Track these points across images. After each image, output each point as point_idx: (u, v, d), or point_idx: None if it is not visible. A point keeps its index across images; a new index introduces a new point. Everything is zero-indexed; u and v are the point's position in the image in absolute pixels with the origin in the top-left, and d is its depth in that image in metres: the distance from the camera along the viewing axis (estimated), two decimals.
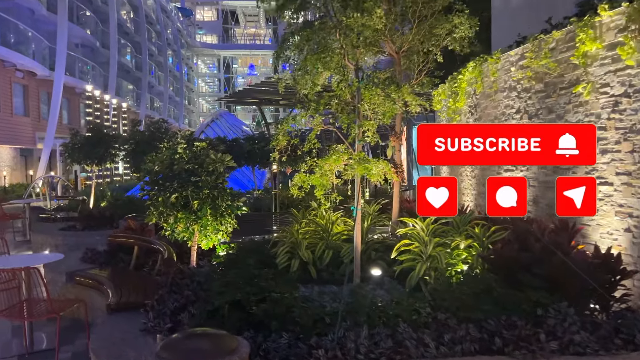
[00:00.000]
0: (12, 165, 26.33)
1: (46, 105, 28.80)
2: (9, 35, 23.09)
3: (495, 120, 7.55)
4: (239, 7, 73.06)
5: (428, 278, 5.08)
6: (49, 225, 11.58)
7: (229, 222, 6.84)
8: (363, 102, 4.83)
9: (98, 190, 19.07)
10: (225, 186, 7.01)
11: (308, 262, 5.89)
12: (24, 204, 12.41)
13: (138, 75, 42.95)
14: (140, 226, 7.49)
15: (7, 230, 12.12)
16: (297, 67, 5.38)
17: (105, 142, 13.13)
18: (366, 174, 4.74)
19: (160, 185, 6.58)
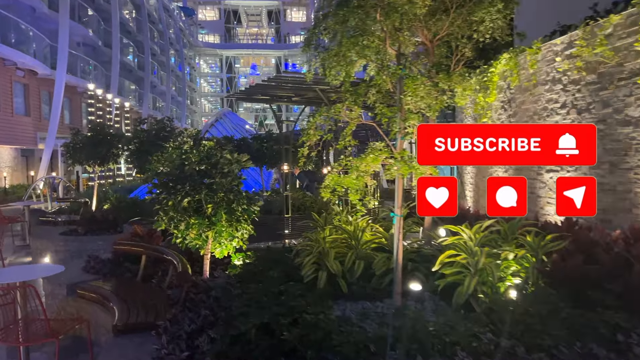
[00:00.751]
0: (13, 165, 25.74)
1: (47, 104, 28.21)
2: (10, 33, 22.49)
3: (535, 116, 6.91)
4: (241, 6, 72.55)
5: (482, 296, 4.44)
6: (50, 229, 10.97)
7: (245, 228, 6.22)
8: (406, 93, 4.21)
9: (100, 192, 18.49)
10: (241, 189, 6.40)
11: (337, 275, 5.26)
12: (23, 206, 11.80)
13: (140, 75, 42.37)
14: (148, 232, 6.87)
15: (6, 234, 11.51)
16: (328, 54, 4.75)
17: (107, 141, 12.52)
18: (409, 175, 4.12)
19: (170, 187, 5.96)
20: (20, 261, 9.77)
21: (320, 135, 4.63)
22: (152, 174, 6.05)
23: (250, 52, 72.68)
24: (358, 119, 4.37)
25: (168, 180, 6.02)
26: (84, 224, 10.23)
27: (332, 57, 4.61)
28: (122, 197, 13.50)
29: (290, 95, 10.68)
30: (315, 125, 4.51)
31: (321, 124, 4.73)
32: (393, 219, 4.53)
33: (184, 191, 5.82)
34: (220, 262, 6.61)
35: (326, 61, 4.68)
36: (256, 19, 75.83)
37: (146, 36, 42.48)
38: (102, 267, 6.50)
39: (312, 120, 4.52)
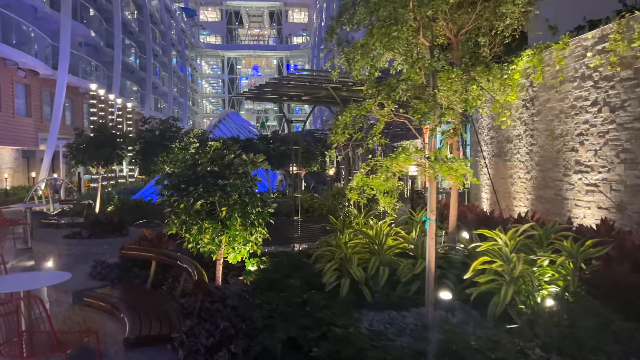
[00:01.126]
0: (14, 167, 25.44)
1: (49, 105, 27.93)
2: (11, 33, 22.21)
3: (562, 114, 6.61)
4: (242, 7, 72.40)
5: (523, 307, 4.12)
6: (52, 232, 10.67)
7: (259, 232, 5.92)
8: (440, 88, 3.91)
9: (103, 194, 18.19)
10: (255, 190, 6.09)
11: (360, 282, 4.95)
12: (25, 208, 11.49)
13: (142, 76, 42.11)
14: (157, 236, 6.56)
15: (7, 237, 11.20)
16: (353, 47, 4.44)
17: (111, 142, 12.22)
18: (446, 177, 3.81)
19: (182, 189, 5.65)
20: (22, 265, 9.46)
21: (351, 132, 4.31)
22: (163, 176, 5.75)
23: (251, 53, 72.48)
24: (389, 115, 4.07)
25: (179, 182, 5.72)
26: (88, 226, 9.93)
27: (356, 50, 4.31)
28: (126, 199, 13.21)
29: (300, 94, 10.37)
30: (344, 124, 4.19)
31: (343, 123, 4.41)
32: (425, 224, 4.22)
33: (197, 193, 5.52)
34: (232, 267, 6.31)
35: (351, 55, 4.37)
36: (258, 20, 75.67)
37: (148, 37, 42.22)
38: (110, 272, 6.19)
39: (340, 119, 4.20)
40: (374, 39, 3.97)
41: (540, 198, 7.20)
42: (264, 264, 6.11)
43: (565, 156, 6.64)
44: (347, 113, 4.17)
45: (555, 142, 6.76)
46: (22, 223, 11.03)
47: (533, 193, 7.53)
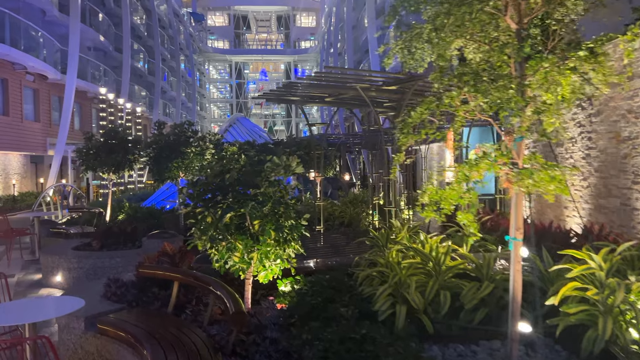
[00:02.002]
0: (22, 172, 24.98)
1: (57, 110, 27.50)
2: (20, 36, 21.77)
3: (630, 114, 5.89)
4: (250, 11, 72.21)
5: (636, 347, 3.41)
6: (61, 243, 10.05)
7: (294, 247, 5.24)
8: (532, 79, 3.22)
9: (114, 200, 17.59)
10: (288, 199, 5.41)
11: (418, 310, 4.25)
12: (33, 217, 10.90)
13: (150, 80, 41.74)
14: (179, 250, 5.90)
15: (14, 247, 10.62)
16: (412, 32, 3.76)
17: (123, 147, 11.61)
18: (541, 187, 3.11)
19: (208, 200, 4.99)
20: (29, 279, 8.84)
21: (427, 132, 3.61)
22: (188, 184, 5.08)
23: (259, 58, 72.18)
24: (472, 112, 3.39)
25: (206, 191, 5.05)
26: (99, 237, 9.29)
27: (425, 34, 3.63)
28: (137, 207, 12.58)
29: (323, 95, 9.71)
30: (409, 127, 3.51)
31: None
32: (509, 244, 3.52)
33: (226, 204, 4.85)
34: (260, 286, 5.62)
35: (414, 41, 3.70)
36: (265, 24, 75.44)
37: (157, 41, 41.87)
38: (125, 292, 5.52)
39: (413, 116, 3.52)
40: (455, 16, 3.28)
41: (602, 208, 6.48)
42: (297, 284, 5.42)
43: (634, 161, 5.93)
44: (422, 108, 3.49)
45: (622, 145, 6.05)
46: (29, 233, 10.42)
47: (591, 202, 6.81)
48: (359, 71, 13.63)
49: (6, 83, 22.55)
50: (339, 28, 43.60)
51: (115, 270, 8.13)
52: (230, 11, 71.51)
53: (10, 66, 22.45)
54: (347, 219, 11.93)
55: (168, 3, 48.78)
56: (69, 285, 8.10)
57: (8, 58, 21.33)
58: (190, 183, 5.15)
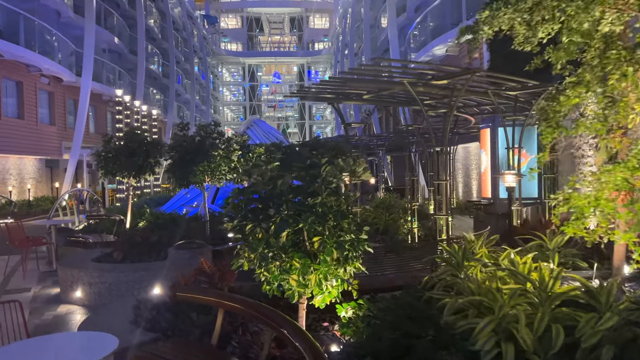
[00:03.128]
0: (37, 177, 24.52)
1: (71, 113, 27.08)
2: (34, 38, 21.30)
3: None
4: (263, 13, 71.82)
5: None
6: (80, 253, 9.36)
7: (355, 266, 4.45)
8: None
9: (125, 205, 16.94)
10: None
11: (527, 349, 3.43)
12: (49, 225, 10.24)
13: (165, 83, 41.31)
14: (218, 269, 5.13)
15: (30, 257, 9.95)
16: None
17: (143, 150, 10.93)
18: None
19: (259, 211, 4.21)
20: (46, 293, 8.15)
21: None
22: (234, 193, 4.31)
23: (273, 60, 71.73)
24: None
25: (256, 201, 4.28)
26: (121, 247, 8.57)
27: (541, 6, 2.84)
28: (159, 214, 11.89)
29: (361, 92, 8.93)
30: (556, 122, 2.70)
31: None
32: None
33: (280, 217, 4.07)
34: (309, 308, 4.83)
35: (534, 12, 2.90)
36: (278, 26, 74.99)
37: (171, 43, 41.47)
38: (158, 317, 4.77)
39: (562, 103, 2.71)
40: None
41: None
42: (360, 309, 4.62)
43: None
44: (581, 89, 2.67)
45: None
46: (45, 243, 9.74)
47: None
48: (407, 62, 12.55)
49: (21, 86, 22.12)
50: (355, 28, 42.84)
51: (140, 285, 7.41)
52: (243, 13, 71.18)
53: (25, 69, 22.02)
54: (381, 225, 11.11)
55: (182, 5, 48.44)
56: (89, 301, 7.38)
57: (23, 60, 20.89)
58: (236, 192, 4.37)
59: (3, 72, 20.52)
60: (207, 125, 10.48)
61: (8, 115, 21.05)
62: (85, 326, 4.90)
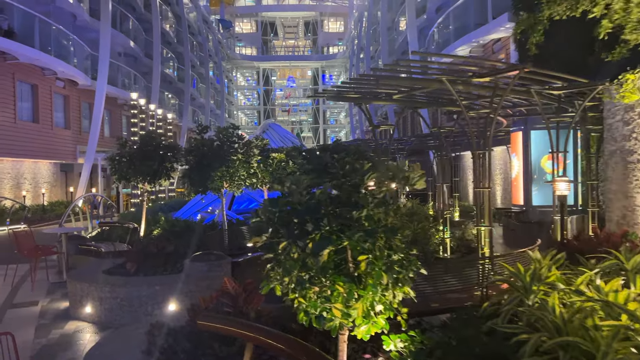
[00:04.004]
0: (52, 181, 24.24)
1: (86, 117, 26.84)
2: (50, 41, 21.04)
3: None
4: (278, 17, 71.76)
5: None
6: (91, 264, 8.83)
7: (404, 291, 3.79)
8: None
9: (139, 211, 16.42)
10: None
11: None
12: (60, 233, 9.73)
13: (180, 87, 41.08)
14: (244, 289, 4.50)
15: (39, 266, 9.44)
16: None
17: (159, 154, 10.39)
18: None
19: (294, 226, 3.57)
20: (55, 308, 7.60)
21: None
22: (266, 204, 3.68)
23: (287, 64, 71.56)
24: None
25: (290, 213, 3.64)
26: (134, 258, 7.99)
27: None
28: (174, 221, 11.33)
29: (391, 92, 8.27)
30: None
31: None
32: None
33: (320, 233, 3.42)
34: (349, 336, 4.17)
35: None
36: (293, 30, 74.88)
37: (186, 47, 41.26)
38: (175, 347, 4.14)
39: None
40: None
41: None
42: (415, 344, 3.94)
43: None
44: None
45: None
46: (56, 252, 9.22)
47: None
48: (446, 56, 11.70)
49: (36, 89, 21.88)
50: (371, 31, 42.25)
51: (154, 301, 6.83)
52: (257, 18, 71.18)
53: (40, 72, 21.78)
54: (409, 236, 10.38)
55: (197, 10, 48.31)
56: (100, 318, 6.81)
57: (38, 63, 20.63)
58: (269, 202, 3.74)
59: (18, 75, 20.26)
60: (226, 128, 9.90)
61: (23, 119, 20.78)
62: (92, 356, 4.29)
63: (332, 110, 78.61)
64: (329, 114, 77.74)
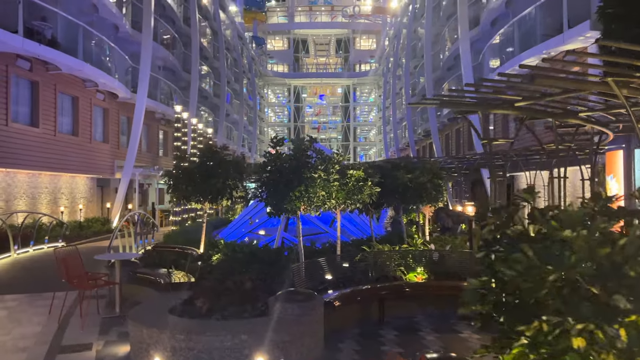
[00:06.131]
0: (88, 197, 23.37)
1: (124, 130, 26.12)
2: (92, 51, 20.35)
3: None
4: (310, 35, 71.53)
5: None
6: (150, 297, 7.53)
7: None
8: None
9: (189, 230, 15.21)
10: None
11: None
12: (111, 261, 8.50)
13: (215, 102, 40.45)
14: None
15: (86, 295, 8.17)
16: None
17: (224, 170, 9.15)
18: None
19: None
20: (113, 354, 6.27)
21: None
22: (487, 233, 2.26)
23: (318, 81, 71.00)
24: None
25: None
26: (206, 294, 6.65)
27: None
28: (237, 246, 10.01)
29: (515, 99, 6.84)
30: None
31: None
32: None
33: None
34: None
35: None
36: (324, 47, 74.60)
37: (222, 63, 40.73)
38: None
39: None
40: None
41: None
42: None
43: None
44: None
45: None
46: (112, 283, 7.93)
47: None
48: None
49: (77, 101, 21.16)
50: (411, 47, 41.05)
51: (240, 354, 5.44)
52: (289, 35, 71.07)
53: (82, 83, 21.07)
54: None
55: (233, 26, 48.03)
56: None
57: (80, 74, 19.90)
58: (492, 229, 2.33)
59: (60, 87, 19.54)
60: (301, 140, 8.60)
61: (63, 131, 20.00)
62: None
63: (363, 128, 77.64)
64: (359, 131, 76.84)
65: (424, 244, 10.75)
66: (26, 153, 17.08)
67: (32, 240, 15.54)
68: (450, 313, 7.93)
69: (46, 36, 17.02)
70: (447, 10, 31.31)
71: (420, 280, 8.39)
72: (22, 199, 18.05)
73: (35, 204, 18.72)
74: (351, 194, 9.00)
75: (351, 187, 9.13)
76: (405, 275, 8.58)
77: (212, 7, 39.87)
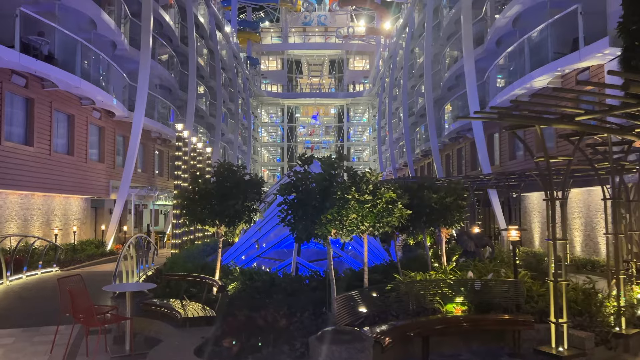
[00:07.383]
0: (82, 218, 22.37)
1: (120, 149, 25.29)
2: (89, 68, 19.63)
3: None
4: (303, 56, 71.72)
5: None
6: (167, 334, 6.70)
7: None
8: None
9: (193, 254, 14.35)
10: None
11: None
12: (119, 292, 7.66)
13: (210, 122, 39.82)
14: None
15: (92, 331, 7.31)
16: None
17: (241, 190, 8.43)
18: None
19: None
20: None
21: None
22: None
23: (312, 101, 70.86)
24: None
25: None
26: (232, 332, 5.86)
27: None
28: (254, 273, 9.21)
29: (573, 114, 6.27)
30: None
31: None
32: None
33: None
34: None
35: None
36: (318, 68, 74.76)
37: (219, 82, 40.25)
38: None
39: None
40: None
41: None
42: None
43: None
44: None
45: None
46: (124, 319, 7.07)
47: None
48: None
49: (73, 119, 20.35)
50: (408, 67, 40.92)
51: None
52: (283, 55, 71.09)
53: (78, 101, 20.31)
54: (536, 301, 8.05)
55: (229, 46, 47.72)
56: None
57: (77, 91, 19.15)
58: None
59: (55, 104, 18.77)
60: (330, 158, 7.92)
61: (58, 150, 19.14)
62: None
63: (356, 148, 77.40)
64: (352, 151, 76.64)
65: (453, 271, 10.02)
66: (20, 173, 16.20)
67: (24, 266, 14.56)
68: (496, 349, 7.21)
69: (43, 52, 16.32)
70: (448, 29, 31.21)
71: (460, 313, 7.65)
72: (13, 221, 17.07)
73: (27, 227, 17.73)
74: (380, 216, 8.29)
75: (380, 209, 8.39)
76: (443, 306, 7.84)
77: (209, 27, 39.57)
